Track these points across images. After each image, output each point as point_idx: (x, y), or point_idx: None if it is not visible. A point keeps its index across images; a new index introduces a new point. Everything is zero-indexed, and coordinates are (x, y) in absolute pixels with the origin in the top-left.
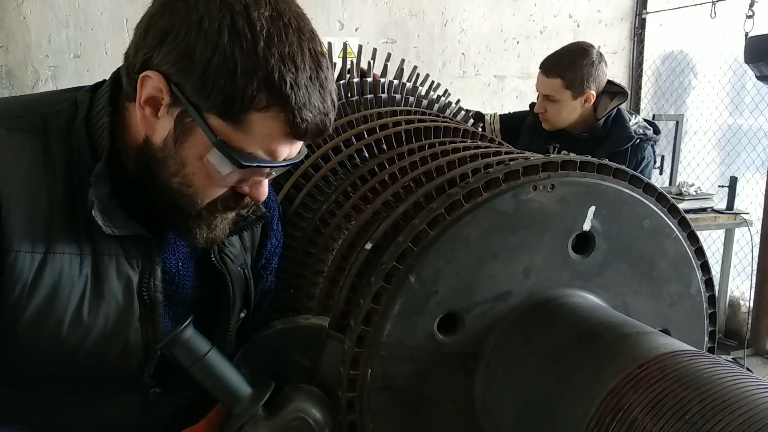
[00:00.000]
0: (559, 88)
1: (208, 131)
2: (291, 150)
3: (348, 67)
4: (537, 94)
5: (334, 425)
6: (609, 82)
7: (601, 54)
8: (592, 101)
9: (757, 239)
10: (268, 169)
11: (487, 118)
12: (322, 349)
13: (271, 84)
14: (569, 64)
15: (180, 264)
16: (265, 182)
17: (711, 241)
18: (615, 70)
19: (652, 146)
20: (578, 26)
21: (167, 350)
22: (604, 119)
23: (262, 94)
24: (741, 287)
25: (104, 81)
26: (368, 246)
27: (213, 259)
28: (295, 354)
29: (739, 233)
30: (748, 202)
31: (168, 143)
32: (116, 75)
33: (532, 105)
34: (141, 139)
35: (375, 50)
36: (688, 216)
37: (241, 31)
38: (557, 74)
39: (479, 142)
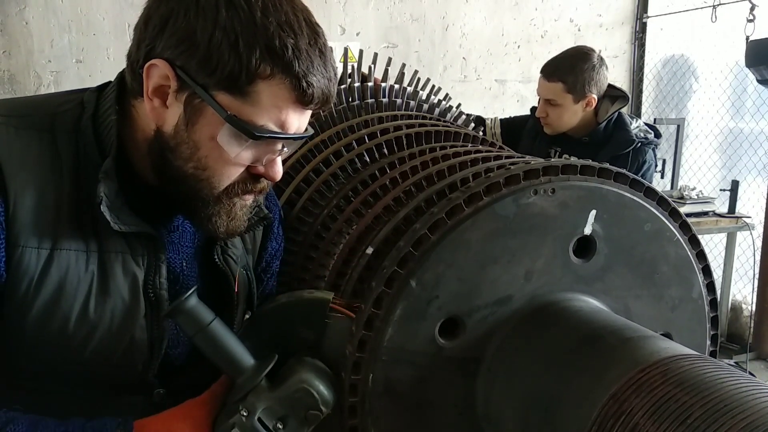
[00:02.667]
0: (561, 93)
1: (218, 107)
2: (300, 122)
3: (349, 71)
4: (538, 98)
5: (337, 398)
6: (610, 86)
7: (601, 58)
8: (594, 105)
9: (759, 243)
10: (280, 145)
11: (488, 122)
12: (326, 323)
13: (273, 50)
14: (570, 69)
15: (184, 263)
16: (279, 160)
17: (713, 244)
18: (616, 74)
19: (653, 150)
20: (579, 30)
21: (171, 318)
22: (605, 123)
23: (266, 62)
24: (743, 291)
25: (110, 82)
26: (369, 250)
27: (216, 259)
28: (299, 327)
29: (741, 237)
30: (749, 205)
31: (179, 129)
32: (122, 75)
33: (533, 109)
34: (151, 131)
35: (376, 55)
36: (690, 220)
37: (237, 4)
38: (559, 78)
39: (480, 146)
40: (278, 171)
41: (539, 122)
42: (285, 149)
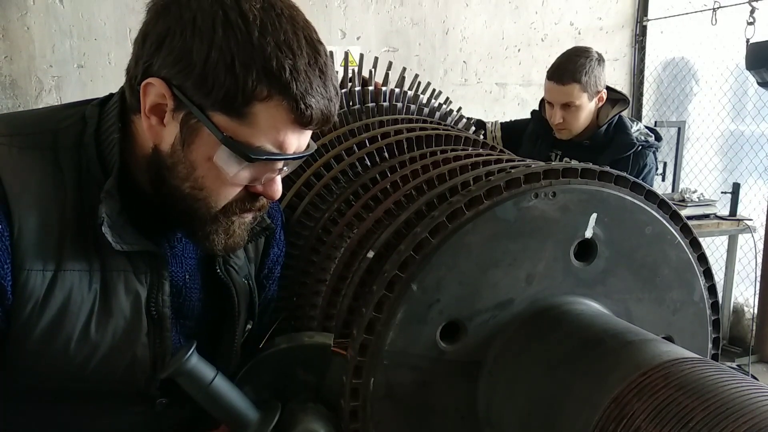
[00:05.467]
0: (578, 93)
1: (214, 129)
2: (299, 142)
3: (350, 75)
4: (540, 103)
5: None
6: (611, 89)
7: (599, 53)
8: (604, 99)
9: (760, 245)
10: (279, 165)
11: (489, 125)
12: (329, 365)
13: (270, 72)
14: (581, 68)
15: (187, 276)
16: (278, 180)
17: (714, 247)
18: (616, 77)
19: (654, 153)
20: (579, 34)
21: (172, 378)
22: (605, 126)
23: (263, 83)
24: (745, 293)
25: (111, 95)
26: (370, 254)
27: (218, 270)
28: (299, 371)
29: (743, 239)
30: (751, 208)
31: (176, 148)
32: (123, 90)
33: (534, 112)
34: (149, 149)
35: (376, 59)
36: (691, 222)
37: (234, 23)
38: (572, 79)
39: (480, 150)
40: (277, 190)
41: (540, 125)
42: (285, 168)
